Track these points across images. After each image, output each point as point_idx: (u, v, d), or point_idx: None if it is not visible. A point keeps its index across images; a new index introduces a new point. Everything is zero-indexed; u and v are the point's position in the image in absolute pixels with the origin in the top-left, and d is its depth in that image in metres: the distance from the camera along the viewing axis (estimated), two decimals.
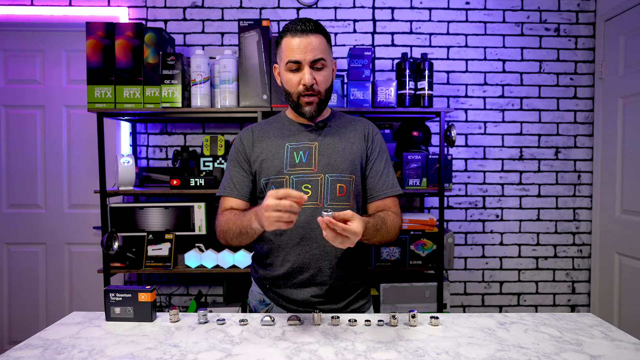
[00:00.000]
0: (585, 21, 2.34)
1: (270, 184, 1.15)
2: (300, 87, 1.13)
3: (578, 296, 2.41)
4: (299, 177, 1.13)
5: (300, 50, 1.10)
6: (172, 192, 1.97)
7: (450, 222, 2.38)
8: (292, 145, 1.17)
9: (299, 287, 1.15)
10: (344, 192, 1.15)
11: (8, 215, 2.38)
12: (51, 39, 2.33)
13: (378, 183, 1.19)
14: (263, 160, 1.16)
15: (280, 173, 1.14)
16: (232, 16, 2.31)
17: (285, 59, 1.12)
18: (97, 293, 2.37)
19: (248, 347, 0.90)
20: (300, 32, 1.10)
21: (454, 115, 2.35)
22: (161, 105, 1.96)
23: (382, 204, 1.19)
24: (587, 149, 2.38)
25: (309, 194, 1.12)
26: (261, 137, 1.20)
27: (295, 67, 1.12)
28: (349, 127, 1.23)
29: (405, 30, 2.33)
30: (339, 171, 1.15)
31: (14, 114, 2.36)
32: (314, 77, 1.12)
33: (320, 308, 1.15)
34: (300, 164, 1.15)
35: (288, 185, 1.13)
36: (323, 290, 1.15)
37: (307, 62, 1.11)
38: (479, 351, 0.88)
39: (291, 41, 1.11)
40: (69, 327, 1.01)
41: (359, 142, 1.21)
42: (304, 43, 1.10)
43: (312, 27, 1.11)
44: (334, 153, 1.16)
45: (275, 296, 1.19)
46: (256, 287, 1.26)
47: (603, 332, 0.99)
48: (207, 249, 2.05)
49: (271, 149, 1.17)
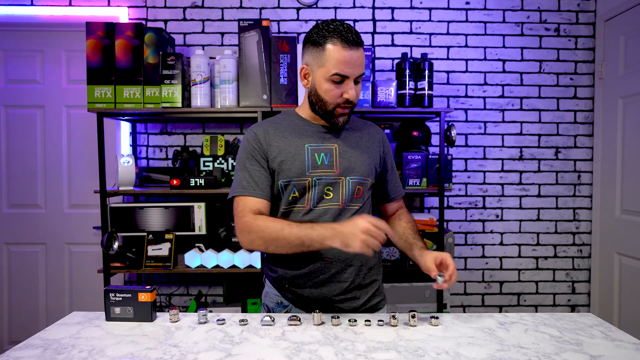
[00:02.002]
0: (585, 21, 2.34)
1: (291, 186, 1.12)
2: (341, 100, 1.10)
3: (578, 296, 2.41)
4: (321, 179, 1.12)
5: (351, 65, 1.06)
6: (172, 192, 1.97)
7: (450, 222, 2.38)
8: (313, 147, 1.14)
9: (320, 286, 1.14)
10: (361, 193, 1.18)
11: (8, 215, 2.38)
12: (51, 39, 2.33)
13: (394, 187, 1.30)
14: (282, 161, 1.12)
15: (302, 175, 1.12)
16: (232, 16, 2.31)
17: (332, 69, 1.07)
18: (97, 293, 2.37)
19: (248, 347, 0.90)
20: (351, 44, 1.06)
21: (454, 115, 2.35)
22: (161, 105, 1.96)
23: (397, 205, 1.32)
24: (587, 149, 2.38)
25: (331, 196, 1.14)
26: (276, 136, 1.15)
27: (340, 80, 1.08)
28: (362, 130, 1.25)
29: (405, 30, 2.33)
30: (359, 174, 1.17)
31: (14, 114, 2.36)
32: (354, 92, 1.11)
33: (341, 307, 1.15)
34: (322, 166, 1.13)
35: (310, 187, 1.12)
36: (343, 288, 1.14)
37: (354, 77, 1.09)
38: (479, 351, 0.88)
39: (342, 53, 1.06)
40: (69, 327, 1.01)
41: (376, 148, 1.23)
42: (355, 57, 1.07)
43: (361, 40, 1.09)
44: (353, 156, 1.17)
45: (294, 296, 1.17)
46: (272, 288, 1.22)
47: (603, 332, 0.99)
48: (207, 249, 2.05)
49: (290, 150, 1.13)
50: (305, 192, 1.12)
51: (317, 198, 1.12)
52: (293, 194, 1.12)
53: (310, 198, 1.12)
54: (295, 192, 1.12)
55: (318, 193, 1.12)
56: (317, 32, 1.09)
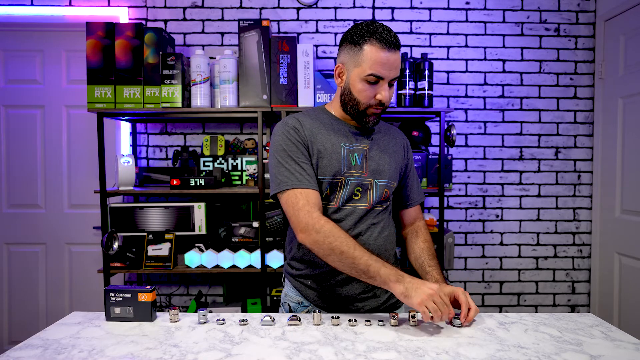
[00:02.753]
0: (585, 21, 2.34)
1: (325, 183, 1.12)
2: (374, 101, 1.10)
3: (578, 296, 2.41)
4: (354, 180, 1.13)
5: (387, 67, 1.06)
6: (172, 192, 1.97)
7: (450, 222, 2.38)
8: (348, 147, 1.14)
9: (343, 284, 1.14)
10: (387, 196, 1.19)
11: (8, 215, 2.38)
12: (51, 39, 2.33)
13: (413, 192, 1.31)
14: (321, 157, 1.11)
15: (337, 174, 1.12)
16: (232, 16, 2.31)
17: (367, 69, 1.07)
18: (97, 293, 2.37)
19: (248, 347, 0.90)
20: (389, 46, 1.06)
21: (454, 115, 2.35)
22: (161, 105, 1.96)
23: (415, 211, 1.32)
24: (587, 149, 2.38)
25: (359, 197, 1.14)
26: (314, 129, 1.14)
27: (375, 80, 1.08)
28: (389, 134, 1.26)
29: (405, 30, 2.33)
30: (386, 177, 1.18)
31: (14, 114, 2.36)
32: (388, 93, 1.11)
33: (362, 305, 1.16)
34: (355, 167, 1.14)
35: (343, 186, 1.13)
36: (366, 286, 1.15)
37: (389, 80, 1.09)
38: (479, 351, 0.88)
39: (380, 53, 1.05)
40: (69, 327, 1.01)
41: (400, 153, 1.25)
42: (392, 59, 1.06)
43: (399, 43, 1.09)
44: (381, 159, 1.18)
45: (317, 294, 1.17)
46: (292, 288, 1.22)
47: (603, 332, 0.99)
48: (207, 249, 2.05)
49: (327, 147, 1.12)
50: (336, 191, 1.13)
51: (347, 198, 1.13)
52: (325, 192, 1.13)
53: (340, 197, 1.13)
54: (328, 190, 1.13)
55: (348, 193, 1.13)
56: (355, 32, 1.09)
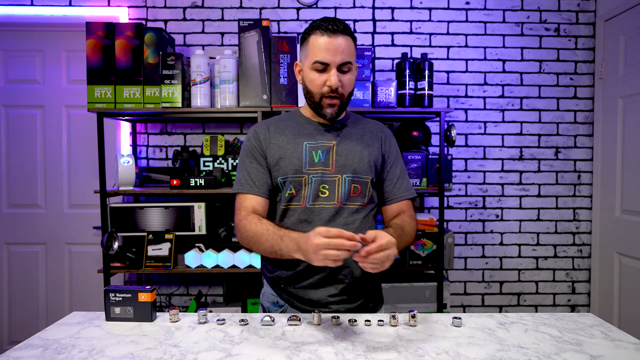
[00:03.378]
0: (585, 21, 2.34)
1: (288, 182, 1.13)
2: (325, 88, 1.11)
3: (578, 296, 2.41)
4: (318, 177, 1.13)
5: (330, 52, 1.07)
6: (172, 192, 1.97)
7: (450, 222, 2.38)
8: (311, 145, 1.15)
9: (315, 287, 1.14)
10: (359, 192, 1.16)
11: (8, 215, 2.38)
12: (51, 39, 2.33)
13: (395, 187, 1.22)
14: (280, 158, 1.14)
15: (298, 172, 1.13)
16: (232, 16, 2.31)
17: (312, 58, 1.09)
18: (97, 293, 2.37)
19: (248, 347, 0.90)
20: (330, 32, 1.07)
21: (454, 115, 2.35)
22: (161, 105, 1.96)
23: (398, 207, 1.21)
24: (587, 149, 2.38)
25: (327, 195, 1.13)
26: (277, 134, 1.17)
27: (322, 68, 1.09)
28: (365, 128, 1.23)
29: (405, 30, 2.33)
30: (356, 172, 1.15)
31: (14, 114, 2.36)
32: (339, 80, 1.10)
33: (335, 308, 1.14)
34: (319, 164, 1.14)
35: (306, 184, 1.13)
36: (338, 290, 1.14)
37: (335, 65, 1.09)
38: (479, 351, 0.88)
39: (320, 40, 1.08)
40: (69, 327, 1.01)
41: (376, 145, 1.21)
42: (334, 44, 1.07)
43: (342, 28, 1.09)
44: (350, 154, 1.16)
45: (289, 297, 1.17)
46: (269, 288, 1.23)
47: (603, 332, 0.99)
48: (207, 249, 2.05)
49: (289, 147, 1.15)
50: (301, 190, 1.13)
51: (313, 196, 1.13)
52: (290, 191, 1.13)
53: (305, 196, 1.13)
54: (292, 189, 1.13)
55: (313, 191, 1.13)
56: (305, 30, 1.14)
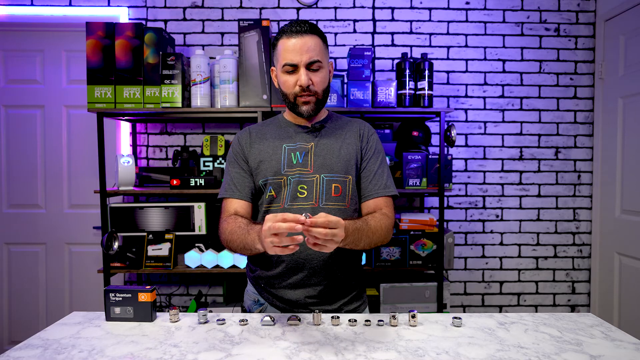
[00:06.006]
0: (585, 21, 2.34)
1: (268, 184, 1.16)
2: (297, 88, 1.13)
3: (578, 296, 2.41)
4: (295, 178, 1.14)
5: (296, 52, 1.10)
6: (172, 192, 1.97)
7: (450, 222, 2.38)
8: (289, 147, 1.18)
9: (293, 288, 1.15)
10: (340, 192, 1.15)
11: (8, 215, 2.38)
12: (51, 39, 2.33)
13: (370, 183, 1.19)
14: (261, 162, 1.17)
15: (277, 174, 1.15)
16: (232, 16, 2.31)
17: (282, 61, 1.13)
18: (97, 293, 2.37)
19: (248, 347, 0.90)
20: (295, 34, 1.11)
21: (454, 115, 2.35)
22: (161, 105, 1.96)
23: (374, 204, 1.17)
24: (587, 149, 2.38)
25: (305, 195, 1.13)
26: (259, 138, 1.21)
27: (292, 69, 1.12)
28: (345, 127, 1.23)
29: (405, 30, 2.33)
30: (334, 171, 1.15)
31: (14, 114, 2.36)
32: (310, 78, 1.12)
33: (313, 309, 1.14)
34: (297, 165, 1.15)
35: (286, 185, 1.14)
36: (317, 291, 1.14)
37: (303, 64, 1.11)
38: (479, 351, 0.88)
39: (287, 43, 1.11)
40: (69, 327, 1.01)
41: (355, 143, 1.21)
42: (299, 44, 1.10)
43: (307, 28, 1.11)
44: (329, 153, 1.17)
45: (270, 296, 1.19)
46: (251, 286, 1.25)
47: (603, 332, 0.99)
48: (207, 249, 2.05)
49: (269, 150, 1.18)
50: (281, 191, 1.15)
51: (291, 197, 1.14)
52: (270, 193, 1.15)
53: (284, 197, 1.14)
54: (272, 191, 1.15)
55: (292, 191, 1.14)
56: (274, 37, 1.17)
